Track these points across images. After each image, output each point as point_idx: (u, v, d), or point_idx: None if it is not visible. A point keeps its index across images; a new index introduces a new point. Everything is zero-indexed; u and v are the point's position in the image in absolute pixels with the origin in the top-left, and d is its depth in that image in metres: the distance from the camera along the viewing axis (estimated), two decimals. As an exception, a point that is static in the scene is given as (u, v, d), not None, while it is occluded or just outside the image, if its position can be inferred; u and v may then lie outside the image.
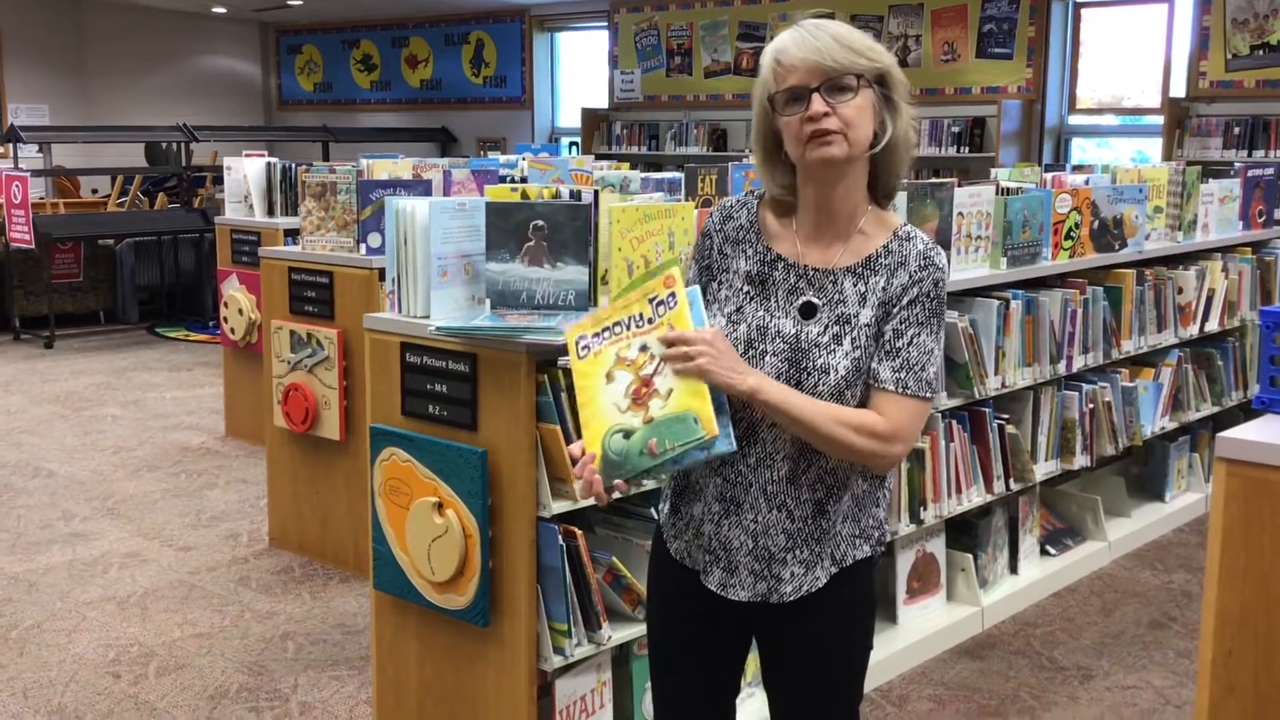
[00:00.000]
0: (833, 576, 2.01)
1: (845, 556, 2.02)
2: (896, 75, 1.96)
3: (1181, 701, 3.64)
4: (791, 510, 1.98)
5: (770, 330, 1.97)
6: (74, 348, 9.19)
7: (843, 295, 1.96)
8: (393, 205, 2.99)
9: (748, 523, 2.00)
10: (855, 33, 1.94)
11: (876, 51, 1.93)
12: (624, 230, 2.88)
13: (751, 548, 2.00)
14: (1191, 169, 5.08)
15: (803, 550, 2.00)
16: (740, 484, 1.99)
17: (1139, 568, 4.74)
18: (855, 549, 2.03)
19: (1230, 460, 2.00)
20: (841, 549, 2.01)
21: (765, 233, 2.03)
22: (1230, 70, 8.76)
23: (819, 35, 1.91)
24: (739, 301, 2.01)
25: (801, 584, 2.00)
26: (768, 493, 1.98)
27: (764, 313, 1.98)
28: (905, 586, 3.98)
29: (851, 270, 1.97)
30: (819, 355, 1.94)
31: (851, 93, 1.89)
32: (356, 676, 3.73)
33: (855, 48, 1.91)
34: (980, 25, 9.84)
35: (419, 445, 2.91)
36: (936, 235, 3.79)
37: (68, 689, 3.64)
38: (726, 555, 2.02)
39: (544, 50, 13.09)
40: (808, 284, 1.98)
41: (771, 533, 1.99)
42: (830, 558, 2.01)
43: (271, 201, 6.19)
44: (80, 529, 5.07)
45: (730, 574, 2.03)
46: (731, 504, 2.01)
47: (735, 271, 2.03)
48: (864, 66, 1.91)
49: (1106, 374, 4.68)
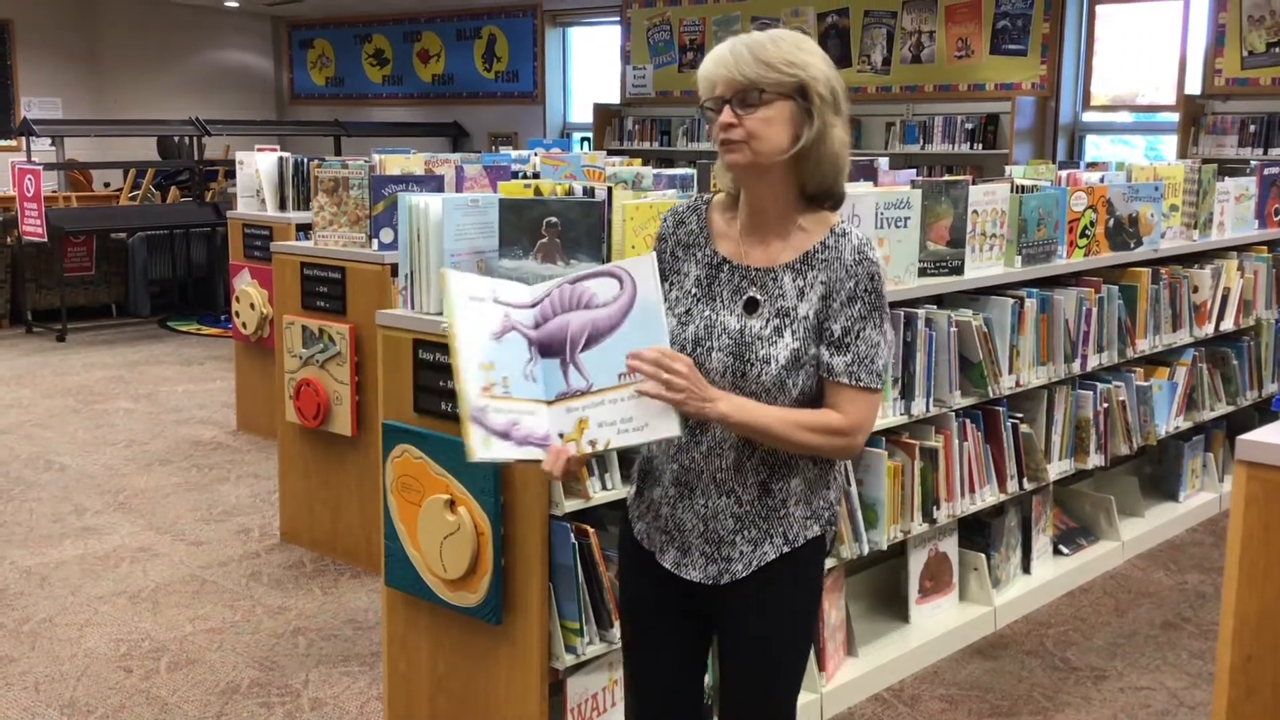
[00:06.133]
0: (782, 554, 2.14)
1: (797, 536, 2.15)
2: (818, 88, 2.04)
3: (1195, 703, 3.62)
4: (739, 495, 2.12)
5: (716, 327, 2.10)
6: (86, 341, 9.21)
7: (782, 290, 2.09)
8: (406, 201, 2.98)
9: (699, 507, 2.14)
10: (781, 46, 2.03)
11: (797, 65, 2.02)
12: (637, 227, 2.87)
13: (702, 530, 2.15)
14: (1207, 167, 5.05)
15: (750, 530, 2.13)
16: (693, 470, 2.14)
17: (1153, 568, 4.72)
18: (806, 529, 2.15)
19: (1250, 463, 1.98)
20: (794, 530, 2.14)
21: (713, 235, 2.17)
22: (1246, 68, 8.71)
23: (737, 49, 2.03)
24: (688, 304, 2.14)
25: (751, 560, 2.14)
26: (717, 480, 2.13)
27: (710, 311, 2.12)
28: (918, 586, 3.97)
29: (790, 266, 2.10)
30: (761, 347, 2.07)
31: (756, 105, 2.01)
32: (368, 673, 3.73)
33: (769, 61, 2.01)
34: (994, 21, 9.79)
35: (431, 442, 2.91)
36: (951, 233, 3.78)
37: (79, 683, 3.64)
38: (680, 536, 2.17)
39: (556, 45, 13.07)
40: (750, 282, 2.11)
41: (720, 517, 2.13)
42: (782, 536, 2.14)
43: (284, 196, 6.19)
44: (92, 523, 5.08)
45: (684, 554, 2.17)
46: (685, 488, 2.15)
47: (685, 274, 2.16)
48: (774, 80, 2.01)
49: (1121, 373, 4.65)
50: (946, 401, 3.78)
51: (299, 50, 15.30)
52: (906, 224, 3.57)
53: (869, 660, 3.70)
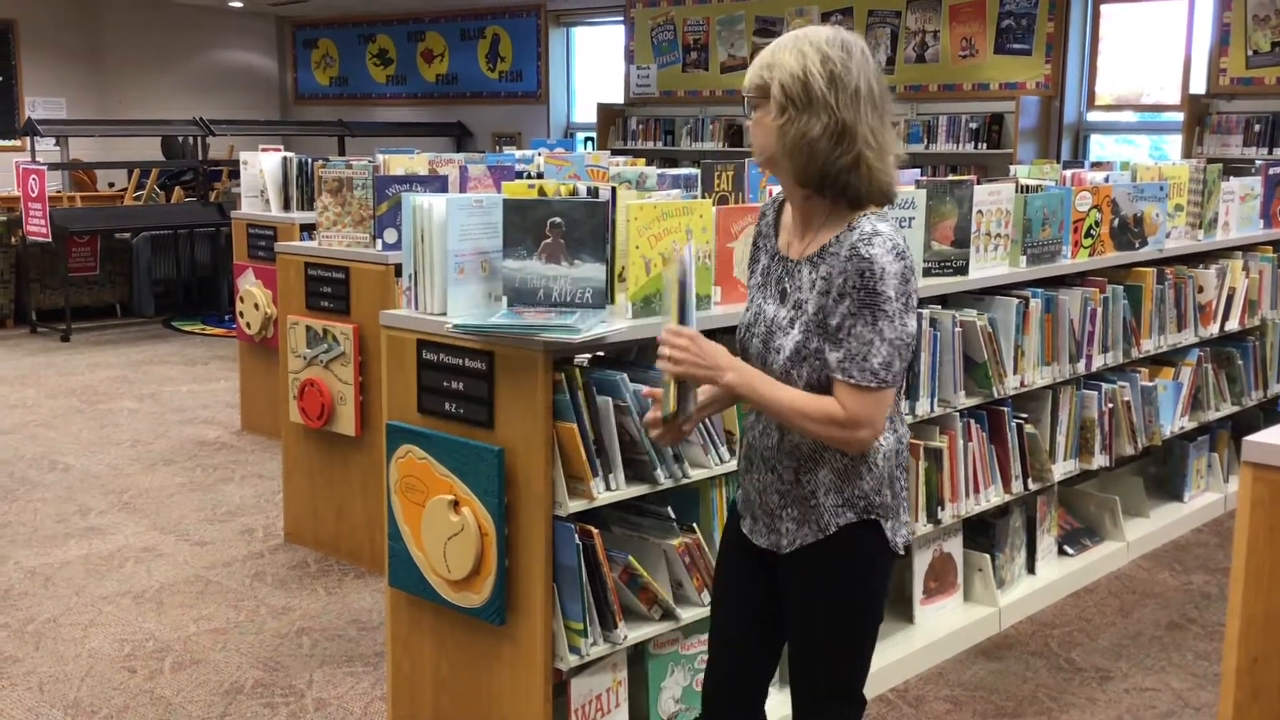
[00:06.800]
0: (819, 540, 2.23)
1: (829, 524, 2.22)
2: (775, 90, 2.12)
3: (1200, 704, 3.61)
4: (780, 474, 2.26)
5: (761, 314, 2.27)
6: (90, 341, 9.22)
7: (800, 283, 2.21)
8: (410, 202, 2.98)
9: (756, 480, 2.32)
10: (771, 48, 2.16)
11: (769, 66, 2.14)
12: (641, 228, 2.86)
13: (760, 502, 2.31)
14: (1212, 166, 5.04)
15: (792, 509, 2.25)
16: (754, 446, 2.32)
17: (1157, 568, 4.71)
18: (839, 517, 2.22)
19: (1256, 465, 1.97)
20: (826, 518, 2.22)
21: (780, 227, 2.33)
22: (1251, 67, 8.69)
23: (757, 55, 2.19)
24: (753, 291, 2.34)
25: (795, 539, 2.25)
26: (764, 457, 2.29)
27: (761, 299, 2.29)
28: (922, 586, 3.96)
29: (809, 259, 2.20)
30: (779, 336, 2.21)
31: (754, 109, 2.17)
32: (372, 673, 3.72)
33: (755, 67, 2.17)
34: (999, 21, 9.78)
35: (435, 443, 2.90)
36: (955, 233, 3.77)
37: (83, 683, 3.64)
38: (749, 505, 2.35)
39: (560, 45, 13.07)
40: (785, 273, 2.25)
41: (768, 492, 2.28)
42: (815, 523, 2.23)
43: (288, 196, 6.19)
44: (96, 523, 5.09)
45: (754, 521, 2.33)
46: (749, 462, 2.35)
47: (758, 262, 2.35)
48: (756, 84, 2.15)
49: (1126, 373, 4.64)
50: (951, 402, 3.78)
51: (303, 50, 15.30)
52: (911, 224, 3.57)
53: (873, 661, 3.66)
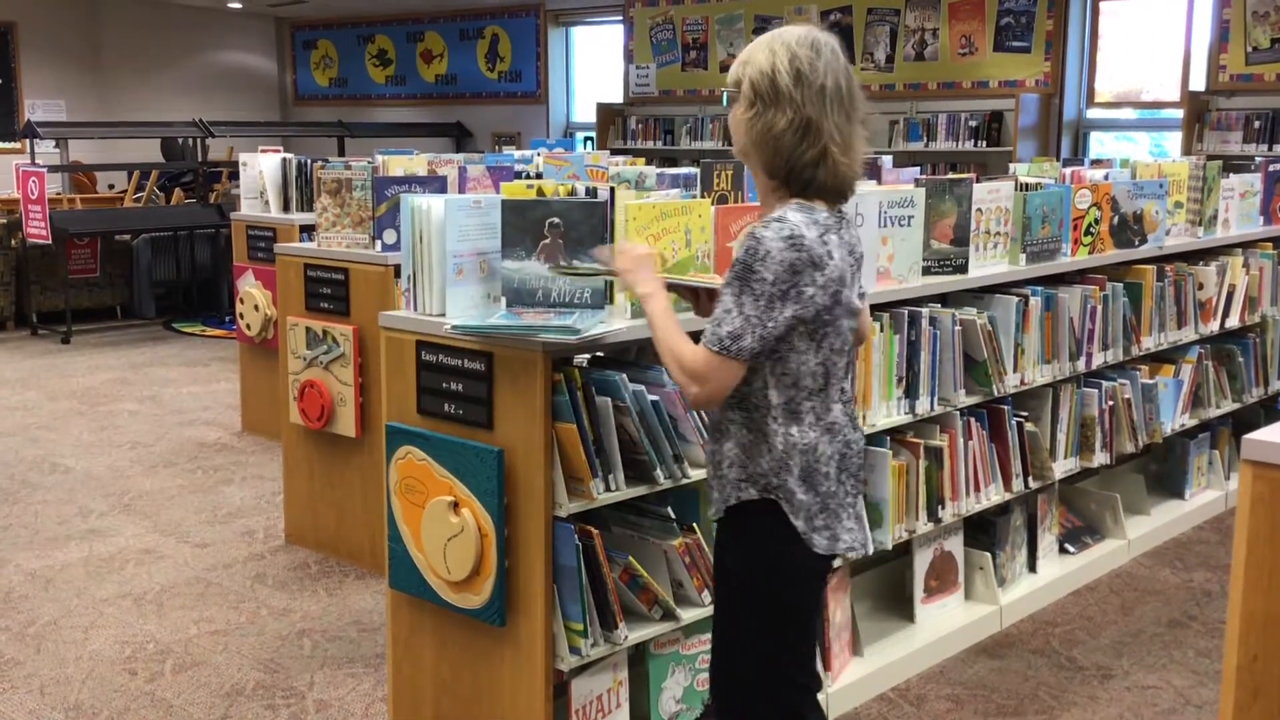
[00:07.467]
0: (726, 511, 2.35)
1: (730, 496, 2.34)
2: (745, 86, 2.25)
3: (1202, 702, 3.61)
4: (709, 445, 2.41)
5: None
6: (91, 343, 9.22)
7: None
8: (408, 203, 2.97)
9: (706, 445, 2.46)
10: (749, 48, 2.27)
11: (744, 64, 2.26)
12: (640, 228, 2.86)
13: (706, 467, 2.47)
14: (1212, 164, 5.03)
15: (712, 479, 2.39)
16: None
17: (1158, 566, 4.71)
18: (741, 491, 2.32)
19: (1256, 463, 1.96)
20: (728, 490, 2.34)
21: None
22: (1250, 64, 8.69)
23: None
24: None
25: (715, 508, 2.40)
26: (706, 425, 2.48)
27: None
28: (923, 585, 3.96)
29: None
30: None
31: (732, 103, 2.28)
32: (372, 674, 3.72)
33: (736, 63, 2.27)
34: (998, 18, 9.77)
35: (435, 444, 2.90)
36: (955, 231, 3.77)
37: (84, 686, 3.64)
38: None
39: (559, 45, 13.06)
40: None
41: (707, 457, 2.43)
42: (722, 494, 2.36)
43: (287, 197, 6.19)
44: (97, 525, 5.08)
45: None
46: None
47: None
48: (732, 80, 2.27)
49: (1126, 371, 4.64)
50: (951, 400, 3.78)
51: (302, 51, 15.30)
52: (910, 222, 3.57)
53: (874, 660, 3.69)
